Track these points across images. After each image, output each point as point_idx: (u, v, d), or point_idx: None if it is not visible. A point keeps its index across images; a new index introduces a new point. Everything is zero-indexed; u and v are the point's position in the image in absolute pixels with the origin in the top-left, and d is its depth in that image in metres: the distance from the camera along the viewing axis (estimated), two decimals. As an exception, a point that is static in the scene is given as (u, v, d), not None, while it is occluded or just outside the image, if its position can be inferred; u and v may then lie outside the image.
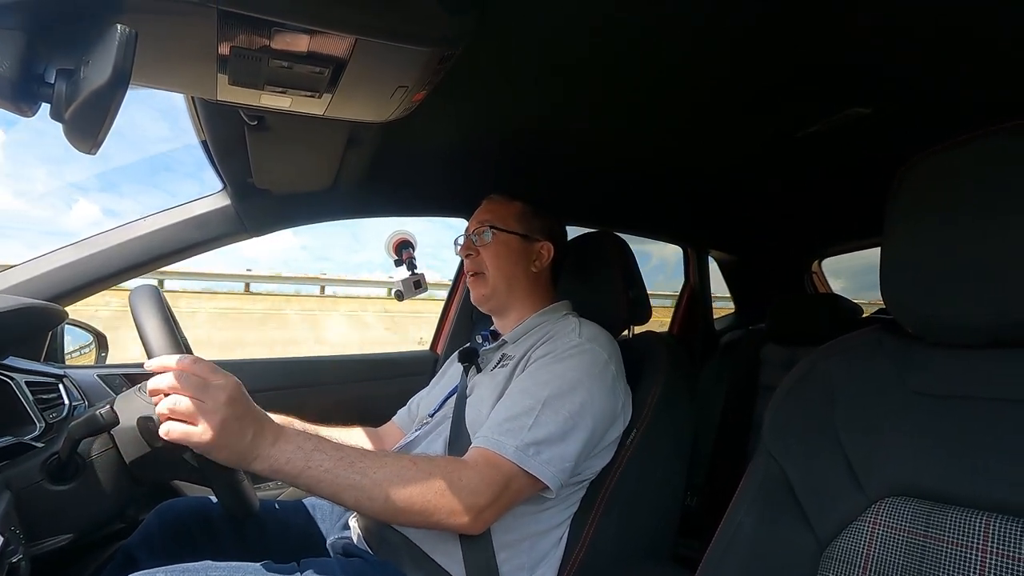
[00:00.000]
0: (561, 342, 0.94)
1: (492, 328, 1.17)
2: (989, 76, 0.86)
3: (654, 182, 1.50)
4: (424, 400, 1.18)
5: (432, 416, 1.05)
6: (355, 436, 1.16)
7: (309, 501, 1.11)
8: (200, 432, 0.66)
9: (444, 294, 1.90)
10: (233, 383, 0.71)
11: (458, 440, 0.94)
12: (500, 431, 0.83)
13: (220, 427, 0.66)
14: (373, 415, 1.25)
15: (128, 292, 0.84)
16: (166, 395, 0.67)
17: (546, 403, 0.84)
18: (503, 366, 0.99)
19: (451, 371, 1.17)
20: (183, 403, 0.66)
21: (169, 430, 0.66)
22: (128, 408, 0.89)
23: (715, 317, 2.55)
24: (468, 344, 1.17)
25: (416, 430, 1.06)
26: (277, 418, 1.06)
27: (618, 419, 0.94)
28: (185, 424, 0.66)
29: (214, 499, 0.99)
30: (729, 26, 0.75)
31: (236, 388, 0.71)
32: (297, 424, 1.09)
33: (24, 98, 0.52)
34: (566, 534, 0.92)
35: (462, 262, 1.15)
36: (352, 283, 10.13)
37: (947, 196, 0.54)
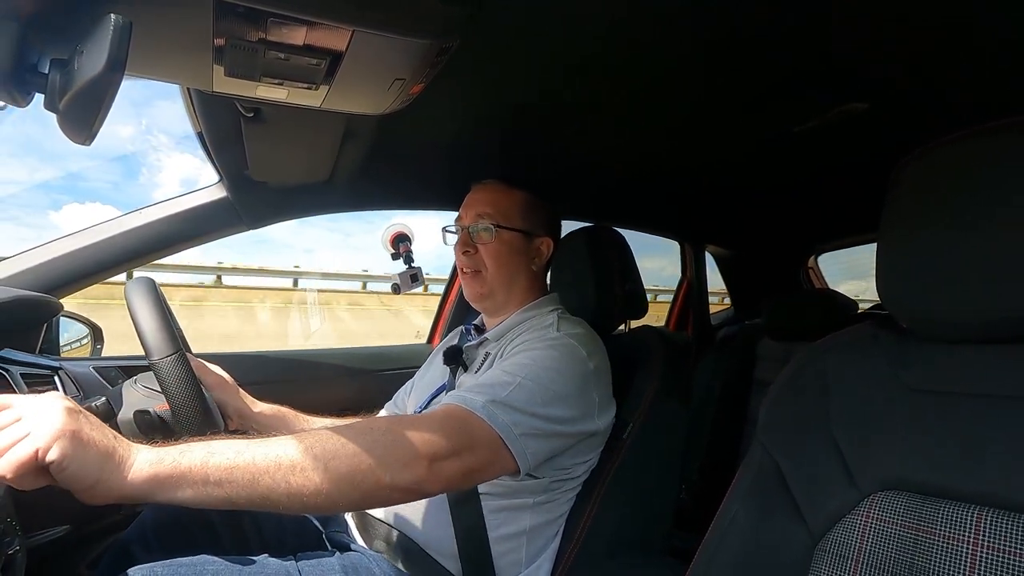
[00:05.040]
0: (538, 335, 0.93)
1: (476, 322, 1.14)
2: (986, 73, 0.86)
3: (652, 177, 1.50)
4: (411, 394, 1.17)
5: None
6: None
7: None
8: (37, 428, 0.52)
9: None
10: (50, 393, 0.59)
11: None
12: (469, 391, 0.79)
13: (66, 413, 0.53)
14: (368, 408, 1.25)
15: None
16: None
17: (521, 384, 0.80)
18: (489, 368, 0.97)
19: (435, 366, 1.13)
20: (2, 438, 0.52)
21: (7, 467, 0.51)
22: (124, 401, 0.89)
23: (712, 312, 2.56)
24: (454, 341, 1.15)
25: None
26: (270, 408, 1.07)
27: (588, 417, 0.88)
28: (20, 448, 0.51)
29: None
30: (727, 22, 0.75)
31: (57, 394, 0.58)
32: (289, 415, 1.09)
33: (18, 88, 0.52)
34: (562, 528, 0.93)
35: None
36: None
37: (943, 192, 0.54)
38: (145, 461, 0.56)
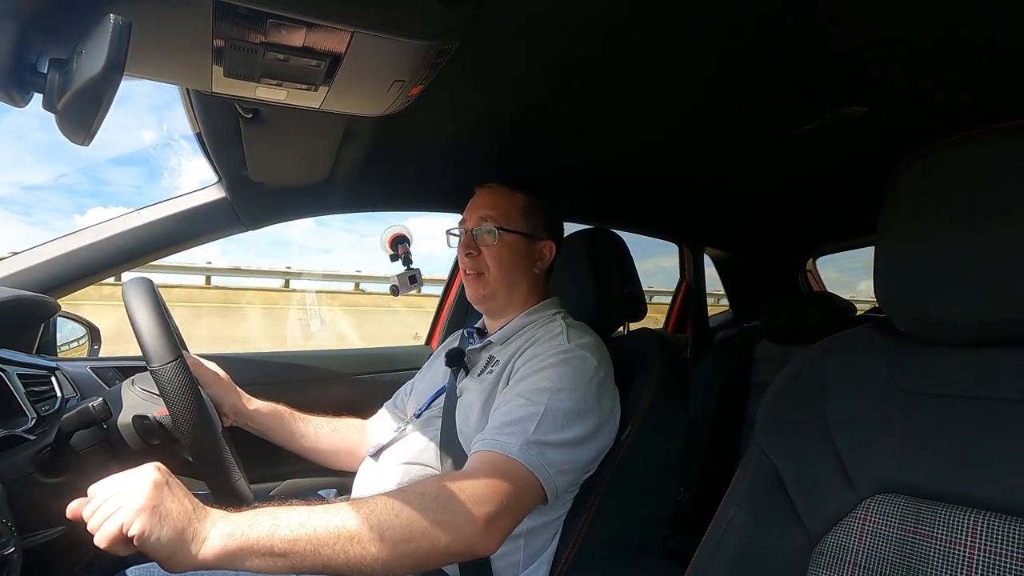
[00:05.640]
0: (549, 346, 0.92)
1: (478, 325, 1.14)
2: (984, 76, 0.87)
3: (651, 179, 1.50)
4: (411, 395, 1.17)
5: (419, 416, 1.04)
6: (344, 428, 1.16)
7: (302, 496, 1.12)
8: (126, 501, 0.59)
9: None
10: (146, 465, 0.64)
11: (449, 443, 0.94)
12: (502, 433, 0.80)
13: (153, 487, 0.60)
14: (366, 409, 1.25)
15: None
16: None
17: (546, 411, 0.81)
18: (490, 371, 0.98)
19: (436, 368, 1.14)
20: (99, 514, 0.60)
21: (101, 539, 0.59)
22: (121, 402, 0.88)
23: (710, 315, 2.56)
24: (455, 344, 1.15)
25: (399, 428, 1.05)
26: (265, 406, 1.07)
27: (606, 425, 0.90)
28: (110, 523, 0.59)
29: (207, 493, 0.99)
30: (727, 23, 0.75)
31: (151, 467, 0.64)
32: (285, 413, 1.09)
33: (16, 87, 0.52)
34: (560, 530, 0.92)
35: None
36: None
37: (941, 195, 0.55)
38: (217, 536, 0.60)
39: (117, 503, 0.59)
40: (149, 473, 0.62)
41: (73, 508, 0.62)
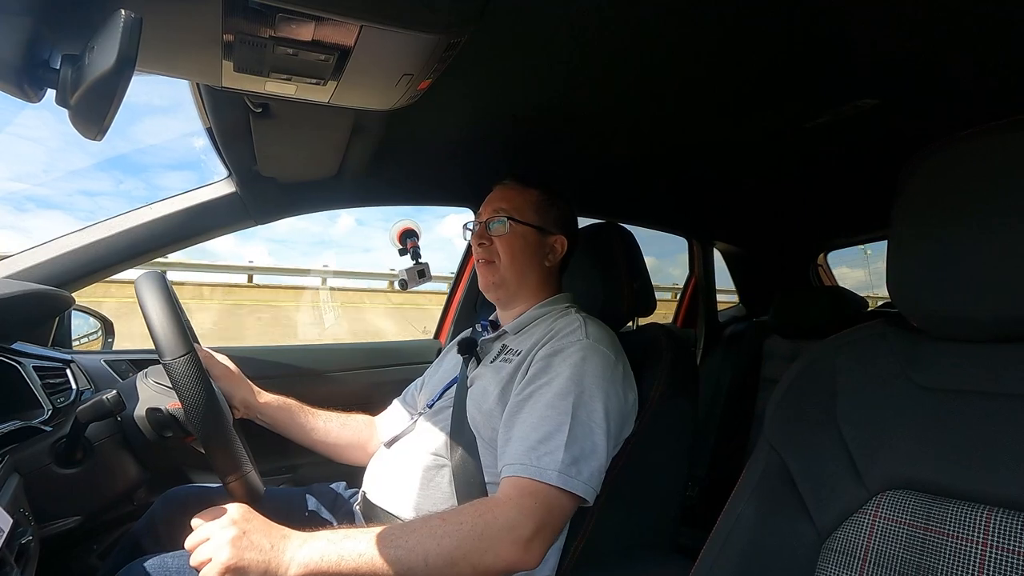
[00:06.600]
0: (569, 340, 0.92)
1: (492, 318, 1.16)
2: (998, 67, 0.85)
3: (660, 173, 1.49)
4: (422, 389, 1.18)
5: (431, 406, 1.05)
6: (353, 423, 1.17)
7: (313, 488, 1.13)
8: (215, 556, 0.69)
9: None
10: (235, 507, 0.75)
11: (460, 432, 0.94)
12: (537, 455, 0.80)
13: (231, 545, 0.69)
14: (376, 404, 1.26)
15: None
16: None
17: (574, 416, 0.82)
18: (506, 360, 0.98)
19: (449, 360, 1.15)
20: (197, 556, 0.70)
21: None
22: (135, 395, 0.90)
23: (719, 309, 2.55)
24: (468, 334, 1.16)
25: (413, 419, 1.06)
26: (275, 399, 1.08)
27: (629, 417, 0.93)
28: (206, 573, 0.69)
29: (219, 485, 1.00)
30: (738, 16, 0.74)
31: (239, 508, 0.75)
32: (295, 407, 1.11)
33: (30, 83, 0.52)
34: (568, 524, 0.93)
35: (467, 249, 1.14)
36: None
37: (955, 189, 0.54)
38: (299, 565, 0.71)
39: (208, 553, 0.69)
40: (230, 531, 0.71)
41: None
